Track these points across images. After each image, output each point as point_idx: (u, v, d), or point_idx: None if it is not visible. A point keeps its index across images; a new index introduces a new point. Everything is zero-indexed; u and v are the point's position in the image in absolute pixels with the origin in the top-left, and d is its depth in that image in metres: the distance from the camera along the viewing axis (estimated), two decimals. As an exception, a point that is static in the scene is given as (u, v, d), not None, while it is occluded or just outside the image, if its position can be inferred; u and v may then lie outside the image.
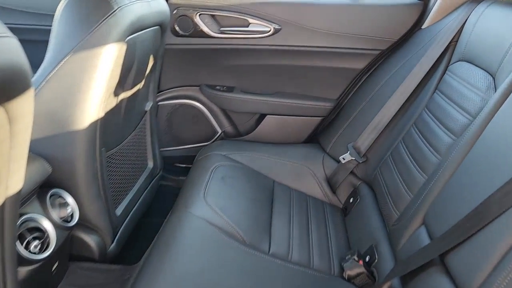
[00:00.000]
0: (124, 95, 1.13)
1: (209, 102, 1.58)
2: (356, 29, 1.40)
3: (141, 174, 1.38)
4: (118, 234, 1.17)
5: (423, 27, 1.37)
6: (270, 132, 1.57)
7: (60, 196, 0.94)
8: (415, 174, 1.04)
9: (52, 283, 0.95)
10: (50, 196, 0.91)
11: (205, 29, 1.42)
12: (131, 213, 1.27)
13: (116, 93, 1.07)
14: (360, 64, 1.46)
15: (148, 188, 1.42)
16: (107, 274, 1.06)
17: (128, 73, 1.10)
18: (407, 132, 1.19)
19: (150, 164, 1.45)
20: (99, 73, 0.94)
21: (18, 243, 0.78)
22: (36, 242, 0.81)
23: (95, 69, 0.93)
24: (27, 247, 0.80)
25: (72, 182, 0.98)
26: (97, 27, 0.91)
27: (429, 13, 1.36)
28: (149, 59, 1.24)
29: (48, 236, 0.85)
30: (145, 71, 1.24)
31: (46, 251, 0.84)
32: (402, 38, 1.41)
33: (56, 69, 0.92)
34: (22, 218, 0.81)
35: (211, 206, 1.11)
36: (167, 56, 1.48)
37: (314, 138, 1.58)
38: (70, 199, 0.96)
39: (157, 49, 1.30)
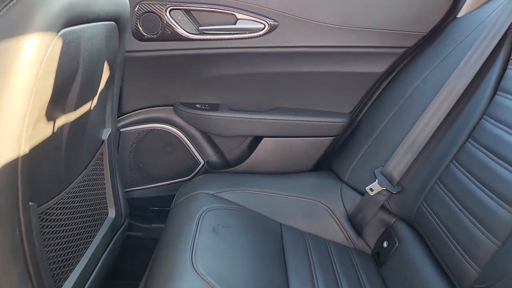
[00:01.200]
0: (66, 119, 0.77)
1: (187, 125, 1.23)
2: (373, 22, 1.09)
3: (99, 228, 0.99)
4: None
5: (459, 15, 1.09)
6: (269, 159, 1.23)
7: (-50, 293, 0.56)
8: (494, 207, 0.73)
9: None
10: None
11: (179, 29, 1.08)
12: (86, 286, 0.88)
13: (50, 117, 0.70)
14: (379, 67, 1.16)
15: (110, 245, 1.04)
16: None
17: (69, 86, 0.74)
18: (462, 148, 0.88)
19: (112, 213, 1.07)
20: (13, 85, 0.57)
21: None
22: None
23: (10, 77, 0.56)
24: None
25: (-25, 265, 0.60)
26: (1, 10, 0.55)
27: (466, -1, 1.07)
28: (102, 67, 0.88)
29: None
30: (97, 85, 0.88)
31: None
32: (433, 31, 1.11)
33: None
34: None
35: (204, 277, 0.75)
36: (129, 66, 1.12)
37: (326, 164, 1.25)
38: (-30, 295, 0.57)
39: (113, 55, 0.94)
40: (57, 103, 0.71)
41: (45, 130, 0.69)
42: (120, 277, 1.21)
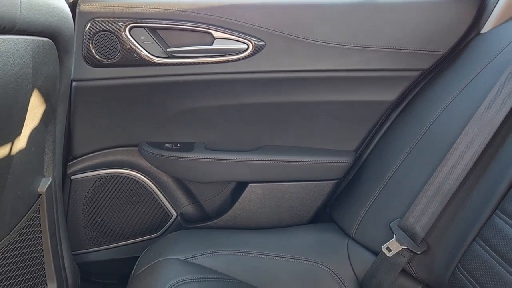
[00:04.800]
0: (-38, 170, 0.53)
1: (155, 170, 1.02)
2: (381, 40, 0.91)
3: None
4: None
5: (482, 31, 0.91)
6: (256, 210, 1.02)
7: None
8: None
9: None
10: None
11: (142, 51, 0.88)
12: None
13: None
14: (389, 95, 0.97)
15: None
16: None
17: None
18: (508, 195, 0.68)
19: (52, 287, 0.82)
20: None
21: None
22: None
23: None
24: None
25: None
26: None
27: (491, 11, 0.89)
28: (28, 96, 0.65)
29: None
30: (17, 122, 0.65)
31: None
32: (453, 49, 0.93)
33: None
34: None
35: None
36: (80, 98, 0.91)
37: (326, 215, 1.03)
38: None
39: (49, 82, 0.72)
40: None
41: None
42: None
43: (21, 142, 0.68)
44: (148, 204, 1.03)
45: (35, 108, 0.70)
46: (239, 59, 0.89)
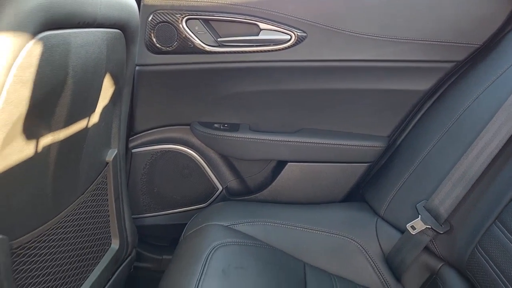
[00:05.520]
0: (53, 138, 0.66)
1: (204, 147, 1.12)
2: (416, 32, 0.95)
3: (98, 261, 0.88)
4: None
5: (519, 25, 0.92)
6: (294, 187, 1.09)
7: None
8: None
9: None
10: None
11: (196, 41, 0.98)
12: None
13: (30, 135, 0.60)
14: (423, 84, 1.00)
15: (112, 279, 0.93)
16: None
17: (56, 99, 0.64)
18: None
19: (115, 244, 0.96)
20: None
21: None
22: None
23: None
24: None
25: None
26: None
27: (529, 5, 0.91)
28: (100, 80, 0.78)
29: None
30: (95, 100, 0.78)
31: None
32: (488, 42, 0.96)
33: None
34: None
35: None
36: (141, 81, 1.03)
37: (359, 195, 1.10)
38: None
39: (118, 67, 0.84)
40: (41, 118, 0.61)
41: (23, 151, 0.59)
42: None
43: (94, 118, 0.81)
44: (197, 178, 1.14)
45: (106, 90, 0.83)
46: (282, 49, 0.97)
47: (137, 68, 1.01)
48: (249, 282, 0.75)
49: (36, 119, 0.60)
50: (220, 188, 1.15)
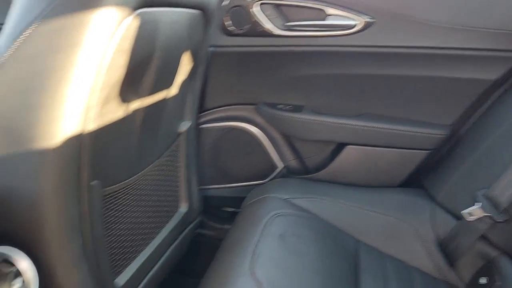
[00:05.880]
0: (140, 103, 0.76)
1: (268, 126, 1.18)
2: (486, 20, 0.94)
3: (168, 221, 0.98)
4: (120, 316, 0.76)
5: None
6: (352, 169, 1.12)
7: (5, 261, 0.56)
8: None
9: None
10: (-17, 262, 0.53)
11: (267, 24, 1.04)
12: (145, 279, 0.86)
13: (123, 98, 0.69)
14: (491, 74, 0.99)
15: (178, 240, 1.02)
16: None
17: (145, 69, 0.73)
18: None
19: (183, 207, 1.05)
20: (85, 59, 0.56)
21: None
22: None
23: (77, 50, 0.56)
24: None
25: (34, 237, 0.60)
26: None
27: None
28: (181, 56, 0.86)
29: None
30: (175, 73, 0.87)
31: None
32: None
33: (10, 51, 0.56)
34: None
35: (262, 285, 0.68)
36: (214, 61, 1.11)
37: (417, 180, 1.11)
38: (24, 264, 0.57)
39: (196, 46, 0.93)
40: (131, 85, 0.70)
41: (117, 111, 0.68)
42: (189, 276, 1.19)
43: (173, 90, 0.90)
44: (259, 155, 1.21)
45: (184, 65, 0.91)
46: (349, 34, 1.01)
47: (210, 49, 1.09)
48: (304, 248, 0.80)
49: (128, 86, 0.69)
50: (280, 166, 1.21)
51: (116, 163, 0.73)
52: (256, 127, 1.19)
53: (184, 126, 1.02)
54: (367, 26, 0.99)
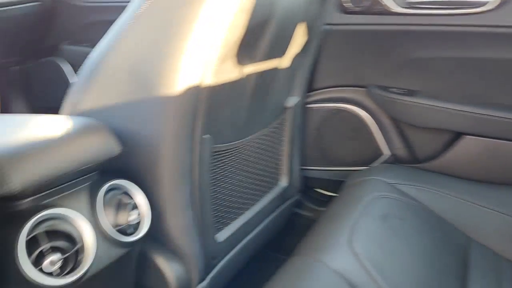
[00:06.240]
0: (253, 68, 0.78)
1: (378, 110, 1.13)
2: None
3: (267, 192, 1.00)
4: (216, 270, 0.80)
5: None
6: (467, 161, 1.03)
7: (125, 193, 0.62)
8: None
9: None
10: (108, 191, 0.59)
11: (388, 1, 0.99)
12: (241, 243, 0.89)
13: (238, 59, 0.72)
14: None
15: (275, 213, 1.04)
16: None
17: (260, 33, 0.74)
18: None
19: (283, 182, 1.06)
20: (210, 15, 0.60)
21: (23, 254, 0.47)
22: (55, 257, 0.49)
23: (204, 5, 0.59)
24: (37, 263, 0.48)
25: (149, 176, 0.65)
26: None
27: None
28: (296, 27, 0.87)
29: (80, 251, 0.52)
30: (288, 44, 0.87)
31: (71, 274, 0.51)
32: None
33: (147, 4, 0.62)
34: (40, 214, 0.49)
35: (360, 258, 0.65)
36: (327, 40, 1.09)
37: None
38: (140, 199, 0.62)
39: (311, 20, 0.93)
40: (247, 47, 0.72)
41: (232, 71, 0.71)
42: (280, 252, 1.20)
43: (285, 62, 0.90)
44: (365, 140, 1.16)
45: (298, 38, 0.91)
46: (479, 13, 0.92)
47: (324, 27, 1.08)
48: (407, 231, 0.76)
49: (244, 48, 0.71)
50: (386, 153, 1.15)
51: (227, 124, 0.76)
52: (365, 110, 1.15)
53: (292, 101, 1.02)
54: (502, 3, 0.90)
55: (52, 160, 0.51)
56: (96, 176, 0.60)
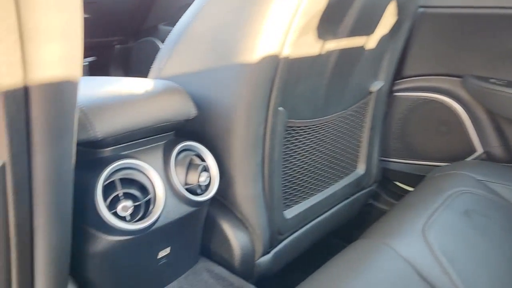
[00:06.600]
0: (335, 45, 0.76)
1: (474, 102, 1.04)
2: None
3: (342, 177, 0.97)
4: (281, 246, 0.80)
5: None
6: None
7: (197, 156, 0.64)
8: None
9: (156, 275, 0.65)
10: (181, 152, 0.62)
11: (493, -19, 0.90)
12: (310, 224, 0.88)
13: (319, 33, 0.70)
14: None
15: (348, 200, 1.00)
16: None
17: (346, 9, 0.72)
18: None
19: (360, 170, 1.02)
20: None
21: (100, 196, 0.51)
22: (127, 203, 0.52)
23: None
24: (112, 207, 0.52)
25: (221, 143, 0.67)
26: None
27: None
28: (386, 4, 0.82)
29: (151, 202, 0.55)
30: (376, 23, 0.83)
31: (141, 222, 0.54)
32: None
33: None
34: (118, 163, 0.53)
35: (432, 248, 0.61)
36: (422, 24, 1.02)
37: None
38: (211, 161, 0.64)
39: (404, 1, 0.87)
40: (330, 22, 0.71)
41: (313, 45, 0.70)
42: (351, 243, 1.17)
43: (371, 43, 0.86)
44: (456, 134, 1.07)
45: (388, 18, 0.87)
46: None
47: (420, 10, 1.01)
48: (491, 230, 0.69)
49: (327, 22, 0.69)
50: (479, 150, 1.05)
51: (303, 100, 0.75)
52: (458, 102, 1.06)
53: (377, 85, 0.98)
54: None
55: (132, 114, 0.54)
56: (171, 136, 0.63)
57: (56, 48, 0.35)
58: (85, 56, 1.57)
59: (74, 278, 0.53)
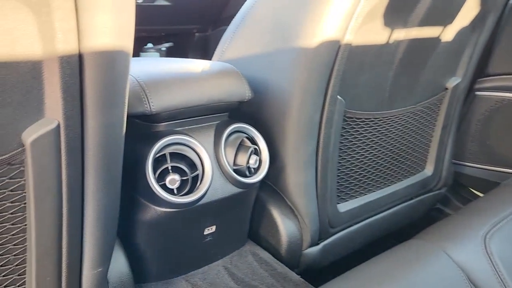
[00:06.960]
0: (405, 34, 0.72)
1: None
2: None
3: (406, 176, 0.92)
4: (331, 239, 0.78)
5: None
6: None
7: (249, 139, 0.64)
8: None
9: (201, 251, 0.67)
10: (232, 133, 0.63)
11: None
12: (365, 221, 0.84)
13: (386, 22, 0.67)
14: None
15: (412, 201, 0.95)
16: (286, 284, 0.69)
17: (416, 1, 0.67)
18: None
19: (428, 171, 0.96)
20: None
21: (150, 168, 0.53)
22: (175, 177, 0.54)
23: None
24: (161, 179, 0.54)
25: (276, 128, 0.66)
26: None
27: None
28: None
29: (199, 178, 0.57)
30: (454, 13, 0.77)
31: (187, 196, 0.55)
32: None
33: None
34: (170, 137, 0.55)
35: (492, 256, 0.55)
36: (510, 17, 0.93)
37: None
38: (262, 144, 0.64)
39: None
40: (400, 10, 0.67)
41: (379, 33, 0.67)
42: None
43: (448, 34, 0.80)
44: (544, 141, 0.97)
45: (469, 9, 0.80)
46: None
47: (510, 1, 0.92)
48: None
49: (396, 9, 0.66)
50: None
51: (367, 90, 0.72)
52: (550, 105, 0.95)
53: (454, 82, 0.91)
54: None
55: (187, 91, 0.56)
56: (225, 118, 0.64)
57: (108, 18, 0.37)
58: (165, 42, 1.65)
59: (121, 242, 0.57)
